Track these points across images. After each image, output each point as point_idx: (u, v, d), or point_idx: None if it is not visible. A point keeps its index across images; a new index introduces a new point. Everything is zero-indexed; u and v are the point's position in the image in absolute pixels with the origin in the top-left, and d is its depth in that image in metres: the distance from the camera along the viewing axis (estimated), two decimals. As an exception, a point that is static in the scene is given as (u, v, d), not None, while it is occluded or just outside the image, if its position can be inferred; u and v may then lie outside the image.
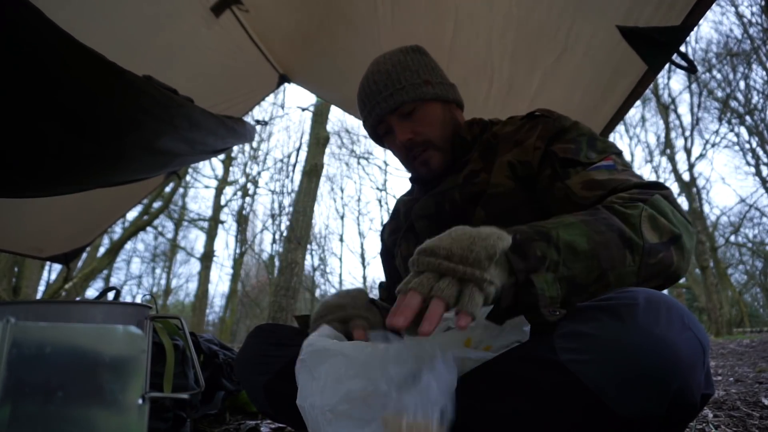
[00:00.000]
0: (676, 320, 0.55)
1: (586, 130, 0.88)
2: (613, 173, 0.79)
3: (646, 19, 1.39)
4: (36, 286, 7.73)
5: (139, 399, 0.54)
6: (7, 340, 0.48)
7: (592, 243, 0.64)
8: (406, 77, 0.98)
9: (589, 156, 0.82)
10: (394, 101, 0.97)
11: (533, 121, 0.94)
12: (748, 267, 14.52)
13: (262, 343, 0.95)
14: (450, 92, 1.03)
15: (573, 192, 0.78)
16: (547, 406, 0.57)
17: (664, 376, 0.52)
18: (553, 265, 0.62)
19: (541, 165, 0.86)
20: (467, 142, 1.01)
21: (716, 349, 4.25)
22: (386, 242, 1.17)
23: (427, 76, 1.00)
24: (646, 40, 1.41)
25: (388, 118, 1.00)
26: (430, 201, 0.99)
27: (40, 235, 2.65)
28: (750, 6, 10.11)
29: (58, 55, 0.95)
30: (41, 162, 1.21)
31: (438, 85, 1.01)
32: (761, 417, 1.34)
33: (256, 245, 14.78)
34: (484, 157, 0.96)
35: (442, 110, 1.01)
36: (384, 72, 1.00)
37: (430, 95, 0.99)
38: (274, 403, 0.91)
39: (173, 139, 1.37)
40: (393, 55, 1.03)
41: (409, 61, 1.01)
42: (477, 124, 1.04)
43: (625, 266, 0.65)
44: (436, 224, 0.96)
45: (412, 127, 0.99)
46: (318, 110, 6.86)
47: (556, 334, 0.59)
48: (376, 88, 0.99)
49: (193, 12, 1.90)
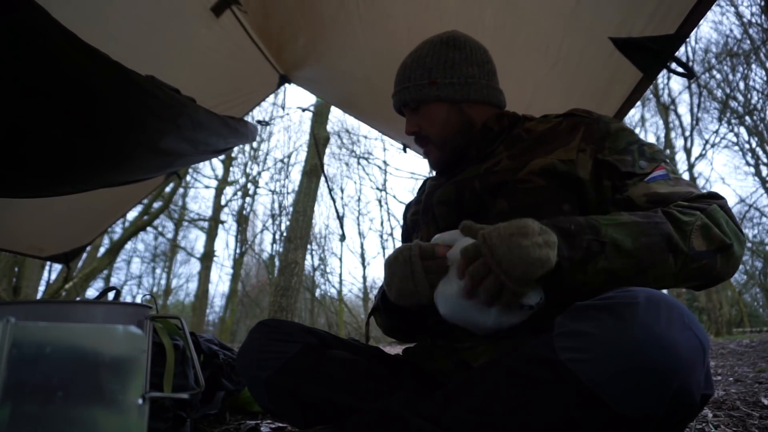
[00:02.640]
0: (677, 320, 0.55)
1: (632, 136, 0.90)
2: (672, 185, 0.82)
3: (640, 29, 1.39)
4: (36, 286, 7.73)
5: (139, 399, 0.54)
6: (7, 340, 0.48)
7: (637, 243, 0.69)
8: (416, 76, 1.03)
9: (641, 166, 0.85)
10: (400, 98, 1.05)
11: (571, 119, 0.95)
12: (747, 267, 14.51)
13: (264, 339, 0.95)
14: (461, 92, 1.02)
15: (637, 205, 0.81)
16: (546, 405, 0.57)
17: (664, 375, 0.52)
18: (594, 255, 0.69)
19: (596, 173, 0.87)
20: (494, 132, 1.02)
21: (716, 349, 4.25)
22: (408, 222, 1.17)
23: (436, 76, 1.01)
24: (640, 50, 1.40)
25: (402, 108, 1.08)
26: (451, 188, 1.00)
27: (40, 234, 2.65)
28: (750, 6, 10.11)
29: (66, 55, 0.95)
30: (50, 163, 1.21)
31: (446, 85, 1.01)
32: (761, 417, 1.34)
33: (256, 245, 14.79)
34: (510, 149, 0.97)
35: (448, 110, 1.02)
36: (406, 65, 1.06)
37: (431, 97, 1.01)
38: (276, 399, 0.91)
39: (176, 139, 1.37)
40: (423, 47, 1.07)
41: (428, 57, 1.03)
42: (507, 117, 1.05)
43: (665, 268, 0.70)
44: (455, 211, 0.98)
45: (418, 121, 1.05)
46: (318, 110, 6.85)
47: (555, 333, 0.59)
48: (397, 80, 1.07)
49: (193, 12, 1.90)
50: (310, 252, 13.55)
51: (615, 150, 0.87)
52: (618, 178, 0.84)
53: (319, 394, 0.86)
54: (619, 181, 0.84)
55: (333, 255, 15.49)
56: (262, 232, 14.74)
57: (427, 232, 1.03)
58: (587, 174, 0.87)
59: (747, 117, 11.87)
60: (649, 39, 1.37)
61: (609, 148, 0.87)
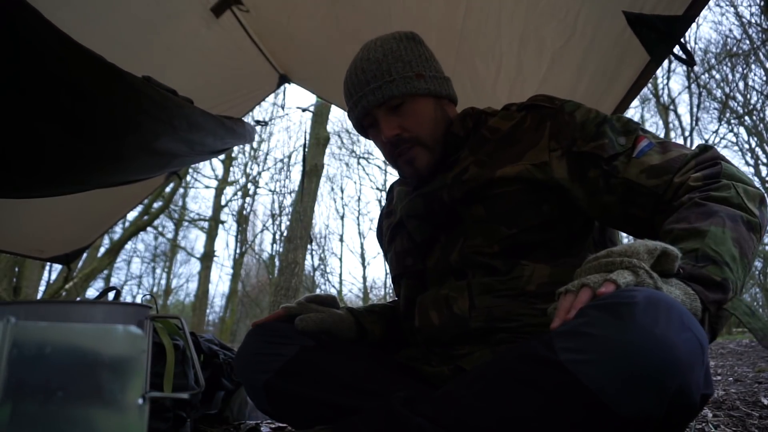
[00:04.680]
0: (676, 320, 0.55)
1: (597, 116, 0.86)
2: (662, 153, 0.80)
3: (651, 7, 1.40)
4: (36, 286, 7.72)
5: (139, 399, 0.54)
6: (7, 340, 0.49)
7: (737, 245, 0.66)
8: (397, 69, 0.92)
9: (620, 142, 0.82)
10: (383, 94, 0.91)
11: (535, 114, 0.90)
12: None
13: (261, 342, 0.95)
14: (444, 87, 0.97)
15: (637, 183, 0.78)
16: (546, 406, 0.57)
17: (664, 375, 0.52)
18: (738, 287, 0.65)
19: (575, 169, 0.83)
20: (459, 138, 0.96)
21: (716, 349, 4.25)
22: (384, 232, 1.14)
23: (419, 69, 0.94)
24: (649, 27, 1.42)
25: (374, 111, 0.93)
26: (419, 201, 0.96)
27: (40, 236, 2.65)
28: (749, 6, 10.10)
29: (57, 56, 0.95)
30: (39, 163, 1.21)
31: (431, 79, 0.95)
32: (760, 417, 1.34)
33: (256, 245, 14.79)
34: (476, 153, 0.92)
35: (434, 107, 0.95)
36: (374, 61, 0.93)
37: (421, 90, 0.92)
38: (274, 402, 0.91)
39: (172, 140, 1.36)
40: (385, 43, 0.95)
41: (402, 51, 0.94)
42: (470, 117, 0.98)
43: (754, 248, 0.69)
44: (426, 223, 0.95)
45: (399, 122, 0.93)
46: (318, 110, 6.85)
47: (554, 333, 0.59)
48: (365, 78, 0.92)
49: (194, 12, 1.90)
50: (310, 252, 13.53)
51: (588, 138, 0.83)
52: (605, 164, 0.81)
53: (317, 395, 0.86)
54: (607, 165, 0.81)
55: (333, 255, 15.49)
56: (262, 232, 14.76)
57: (400, 244, 1.01)
58: (564, 173, 0.84)
59: (747, 117, 11.87)
60: (659, 18, 1.39)
61: (581, 139, 0.84)
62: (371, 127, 0.98)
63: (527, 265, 0.83)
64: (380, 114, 0.93)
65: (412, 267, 0.98)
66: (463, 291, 0.86)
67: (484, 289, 0.84)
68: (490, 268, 0.85)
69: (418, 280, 0.97)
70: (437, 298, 0.89)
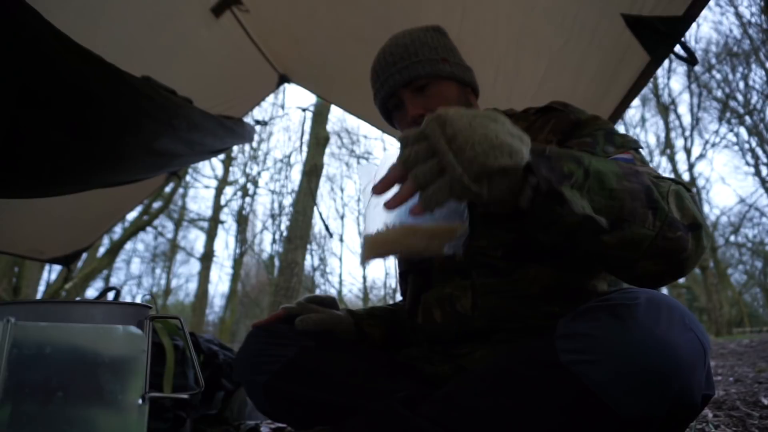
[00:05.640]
0: (677, 321, 0.55)
1: (605, 124, 0.85)
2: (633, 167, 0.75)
3: (650, 8, 1.40)
4: (36, 286, 7.72)
5: (139, 399, 0.54)
6: (7, 340, 0.48)
7: (620, 185, 0.60)
8: (424, 52, 0.95)
9: (606, 150, 0.79)
10: (409, 74, 0.93)
11: (547, 115, 0.91)
12: (748, 267, 14.54)
13: (260, 343, 0.95)
14: (468, 75, 0.99)
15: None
16: (548, 406, 0.57)
17: (665, 376, 0.52)
18: (578, 186, 0.58)
19: None
20: None
21: (716, 349, 4.25)
22: None
23: (445, 55, 0.97)
24: (649, 29, 1.42)
25: (400, 92, 0.94)
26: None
27: (40, 237, 2.65)
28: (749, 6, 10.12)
29: (57, 57, 0.95)
30: (43, 164, 1.22)
31: (456, 65, 0.97)
32: (761, 417, 1.33)
33: (256, 245, 14.79)
34: None
35: (459, 93, 0.97)
36: (401, 45, 0.97)
37: (446, 73, 0.95)
38: (274, 403, 0.91)
39: (172, 140, 1.37)
40: (412, 32, 1.00)
41: (428, 39, 0.98)
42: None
43: (644, 227, 0.59)
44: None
45: (424, 103, 0.93)
46: (318, 110, 6.85)
47: (557, 335, 0.59)
48: (392, 60, 0.95)
49: (193, 13, 1.90)
50: (310, 252, 13.56)
51: (577, 135, 0.83)
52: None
53: (317, 396, 0.86)
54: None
55: (333, 255, 15.50)
56: (261, 232, 14.76)
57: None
58: None
59: (747, 117, 11.88)
60: (658, 19, 1.39)
61: (574, 138, 0.83)
62: (396, 110, 0.99)
63: (531, 268, 0.83)
64: (406, 94, 0.94)
65: (418, 264, 0.98)
66: (467, 290, 0.86)
67: (487, 289, 0.84)
68: (494, 269, 0.85)
69: (423, 278, 0.97)
70: (441, 296, 0.89)
